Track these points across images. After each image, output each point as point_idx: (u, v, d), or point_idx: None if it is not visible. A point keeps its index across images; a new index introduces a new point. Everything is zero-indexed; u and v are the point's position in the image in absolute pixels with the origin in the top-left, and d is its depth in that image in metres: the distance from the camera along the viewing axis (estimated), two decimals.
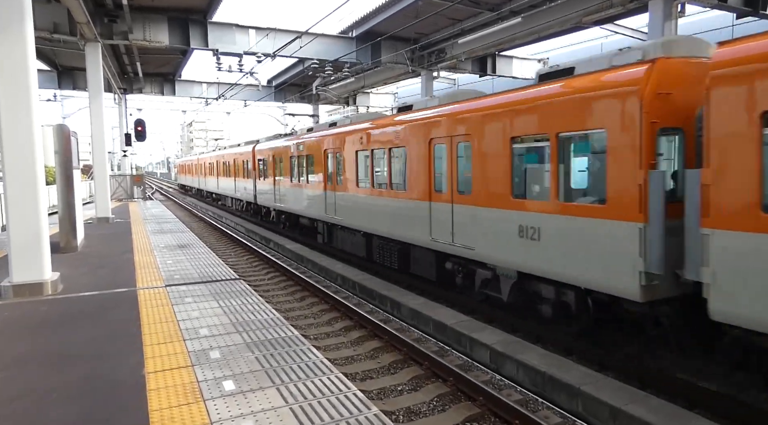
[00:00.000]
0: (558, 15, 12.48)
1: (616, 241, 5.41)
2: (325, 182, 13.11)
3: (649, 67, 5.17)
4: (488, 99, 7.62)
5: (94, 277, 6.98)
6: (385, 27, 15.39)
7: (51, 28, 13.24)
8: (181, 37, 15.14)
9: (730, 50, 4.32)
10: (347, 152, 11.74)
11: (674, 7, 9.97)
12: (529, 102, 6.61)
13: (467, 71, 18.54)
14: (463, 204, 7.88)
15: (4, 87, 5.65)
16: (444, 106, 8.55)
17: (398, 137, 9.53)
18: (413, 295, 9.02)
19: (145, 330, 4.72)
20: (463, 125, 7.84)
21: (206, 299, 5.88)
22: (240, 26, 15.80)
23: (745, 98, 4.15)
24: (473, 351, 6.72)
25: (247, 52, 15.83)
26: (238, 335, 4.63)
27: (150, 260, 8.22)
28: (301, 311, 8.86)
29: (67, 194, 8.72)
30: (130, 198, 23.24)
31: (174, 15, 14.80)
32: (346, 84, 23.20)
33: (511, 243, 6.87)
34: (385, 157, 10.06)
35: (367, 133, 10.76)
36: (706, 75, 4.42)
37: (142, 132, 23.10)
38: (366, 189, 10.92)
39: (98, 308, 5.46)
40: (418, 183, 8.94)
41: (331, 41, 16.98)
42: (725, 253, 4.32)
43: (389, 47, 17.13)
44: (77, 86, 23.16)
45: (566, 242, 6.04)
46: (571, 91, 5.95)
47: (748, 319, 4.22)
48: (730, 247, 4.28)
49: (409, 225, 9.30)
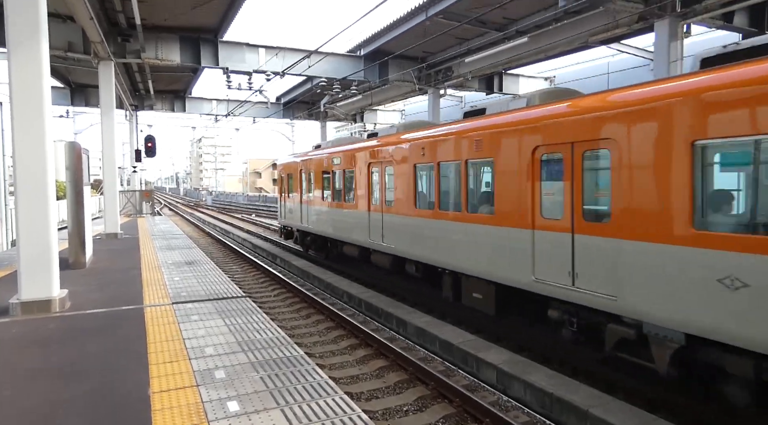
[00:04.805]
0: (564, 35, 12.60)
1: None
2: (368, 202, 11.04)
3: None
4: (628, 91, 5.46)
5: (101, 294, 7.01)
6: (392, 46, 15.60)
7: (66, 47, 13.56)
8: (192, 56, 15.44)
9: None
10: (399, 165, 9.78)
11: (680, 28, 10.04)
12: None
13: (474, 89, 18.70)
14: (596, 236, 5.62)
15: (18, 105, 5.77)
16: (550, 105, 6.38)
17: (478, 147, 7.55)
18: (419, 313, 8.97)
19: (151, 348, 4.73)
20: (618, 124, 5.33)
21: (212, 317, 5.88)
22: (250, 45, 16.09)
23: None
24: (480, 370, 6.64)
25: (257, 70, 16.09)
26: (244, 354, 4.62)
27: (157, 277, 8.26)
28: (307, 328, 8.83)
29: (77, 210, 8.83)
30: (138, 214, 23.45)
31: (186, 34, 15.12)
32: (354, 101, 23.45)
33: (698, 296, 4.55)
34: (457, 172, 8.11)
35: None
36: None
37: (152, 148, 23.45)
38: (423, 211, 9.07)
39: (105, 326, 5.47)
40: (514, 205, 6.79)
41: (340, 60, 17.23)
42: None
43: (397, 66, 17.34)
44: (89, 103, 23.61)
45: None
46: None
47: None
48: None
49: (495, 259, 7.16)
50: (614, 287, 5.39)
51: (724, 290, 4.35)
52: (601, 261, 5.55)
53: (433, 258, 8.75)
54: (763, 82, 4.11)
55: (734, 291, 4.28)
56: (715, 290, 4.40)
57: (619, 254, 5.32)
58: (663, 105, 4.91)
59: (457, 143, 8.08)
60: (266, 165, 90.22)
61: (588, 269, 5.72)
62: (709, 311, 4.48)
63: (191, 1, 12.63)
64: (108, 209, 14.23)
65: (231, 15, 13.53)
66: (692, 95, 4.65)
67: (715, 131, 4.45)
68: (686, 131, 4.67)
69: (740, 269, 4.24)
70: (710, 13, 9.89)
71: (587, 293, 5.72)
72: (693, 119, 4.62)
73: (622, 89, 5.59)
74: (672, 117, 4.81)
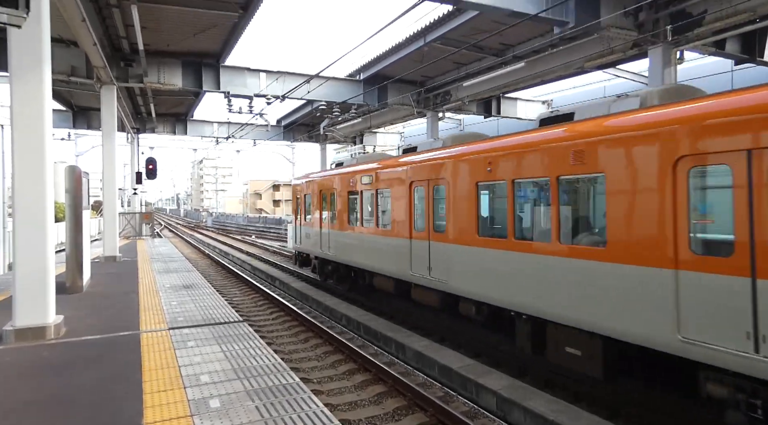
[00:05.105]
0: (560, 60, 12.80)
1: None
2: (409, 228, 9.51)
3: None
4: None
5: (98, 319, 6.95)
6: (391, 70, 15.84)
7: (68, 71, 13.76)
8: (194, 80, 15.65)
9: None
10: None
11: (673, 55, 10.21)
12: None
13: (472, 112, 18.90)
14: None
15: (19, 132, 5.82)
16: (696, 102, 4.92)
17: (577, 159, 5.89)
18: (418, 336, 8.88)
19: (146, 376, 4.66)
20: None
21: (209, 343, 5.82)
22: (251, 70, 16.33)
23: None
24: (479, 396, 6.55)
25: (258, 94, 16.30)
26: (239, 381, 4.56)
27: (155, 302, 8.20)
28: (305, 353, 8.73)
29: (76, 233, 8.82)
30: (138, 236, 23.43)
31: (188, 59, 15.36)
32: (353, 124, 23.69)
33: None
34: (542, 191, 6.77)
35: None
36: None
37: (153, 170, 23.59)
38: (490, 240, 7.46)
39: (100, 353, 5.41)
40: (640, 234, 5.19)
41: (339, 84, 17.47)
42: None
43: (396, 89, 17.57)
44: (91, 126, 23.82)
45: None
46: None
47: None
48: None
49: (607, 308, 5.49)
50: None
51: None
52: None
53: (504, 299, 7.09)
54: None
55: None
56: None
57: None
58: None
59: (543, 156, 6.42)
60: (267, 186, 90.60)
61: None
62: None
63: (193, 27, 12.88)
64: (107, 231, 14.23)
65: (232, 41, 13.77)
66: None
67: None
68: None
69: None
70: (702, 40, 10.06)
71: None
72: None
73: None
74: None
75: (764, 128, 4.19)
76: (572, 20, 9.48)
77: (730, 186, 4.45)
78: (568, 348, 6.16)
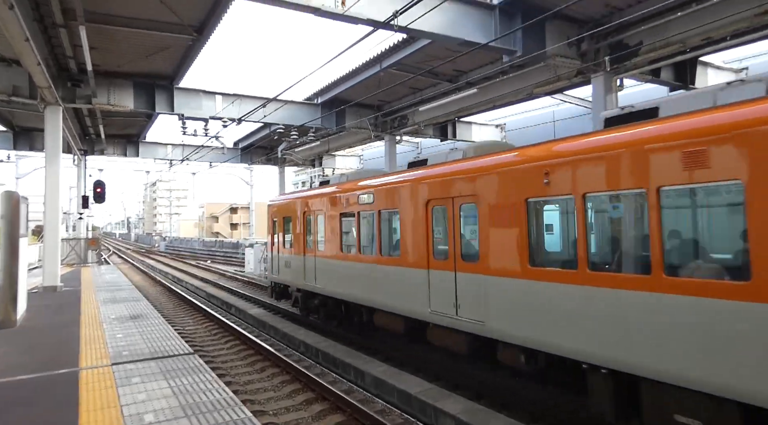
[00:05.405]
0: (511, 87, 13.33)
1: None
2: (427, 256, 7.98)
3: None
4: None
5: (31, 357, 6.47)
6: (349, 95, 15.99)
7: (9, 91, 13.10)
8: (147, 102, 15.24)
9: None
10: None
11: (614, 82, 10.85)
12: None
13: (429, 136, 19.28)
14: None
15: None
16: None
17: (695, 163, 4.53)
18: (377, 362, 8.77)
19: (83, 418, 4.35)
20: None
21: (155, 378, 5.52)
22: (207, 92, 16.08)
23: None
24: (438, 421, 6.50)
25: (213, 117, 16.03)
26: (187, 419, 4.33)
27: (97, 335, 7.74)
28: (261, 383, 8.43)
29: (11, 263, 8.25)
30: (83, 263, 22.21)
31: (140, 80, 14.96)
32: (312, 147, 23.65)
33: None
34: (634, 208, 5.36)
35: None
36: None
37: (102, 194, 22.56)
38: (545, 272, 6.00)
39: (32, 395, 5.01)
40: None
41: (297, 107, 17.46)
42: None
43: (353, 113, 17.72)
44: (34, 147, 22.64)
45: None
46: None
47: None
48: None
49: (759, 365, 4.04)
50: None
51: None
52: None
53: (572, 347, 5.53)
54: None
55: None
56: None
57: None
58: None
59: (636, 161, 4.99)
60: (224, 209, 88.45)
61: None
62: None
63: (146, 49, 12.60)
64: (48, 259, 13.37)
65: (187, 63, 13.55)
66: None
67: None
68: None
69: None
70: (639, 69, 10.77)
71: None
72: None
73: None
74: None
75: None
76: (520, 49, 9.92)
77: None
78: (681, 416, 4.62)
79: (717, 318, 4.28)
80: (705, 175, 4.45)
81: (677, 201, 5.06)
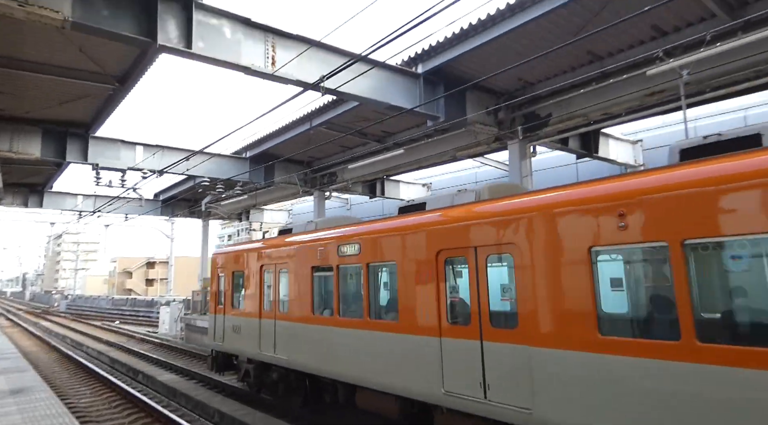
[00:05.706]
0: (435, 149, 14.04)
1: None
2: (438, 320, 6.50)
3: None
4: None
5: None
6: (279, 150, 15.99)
7: None
8: (57, 151, 14.20)
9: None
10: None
11: (527, 148, 11.79)
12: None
13: (358, 193, 19.56)
14: None
15: None
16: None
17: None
18: None
19: None
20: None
21: None
22: (126, 142, 15.34)
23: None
24: None
25: (133, 168, 15.23)
26: None
27: None
28: None
29: None
30: None
31: (51, 127, 14.00)
32: (239, 201, 23.06)
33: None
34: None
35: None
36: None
37: None
38: (623, 343, 4.61)
39: None
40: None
41: (224, 161, 17.11)
42: None
43: (283, 169, 17.66)
44: None
45: None
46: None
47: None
48: None
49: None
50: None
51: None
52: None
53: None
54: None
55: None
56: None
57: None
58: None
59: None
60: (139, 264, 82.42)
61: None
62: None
63: (61, 96, 11.91)
64: None
65: (106, 112, 12.93)
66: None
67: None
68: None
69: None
70: (550, 138, 11.84)
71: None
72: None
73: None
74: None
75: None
76: (443, 115, 10.55)
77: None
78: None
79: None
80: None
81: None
